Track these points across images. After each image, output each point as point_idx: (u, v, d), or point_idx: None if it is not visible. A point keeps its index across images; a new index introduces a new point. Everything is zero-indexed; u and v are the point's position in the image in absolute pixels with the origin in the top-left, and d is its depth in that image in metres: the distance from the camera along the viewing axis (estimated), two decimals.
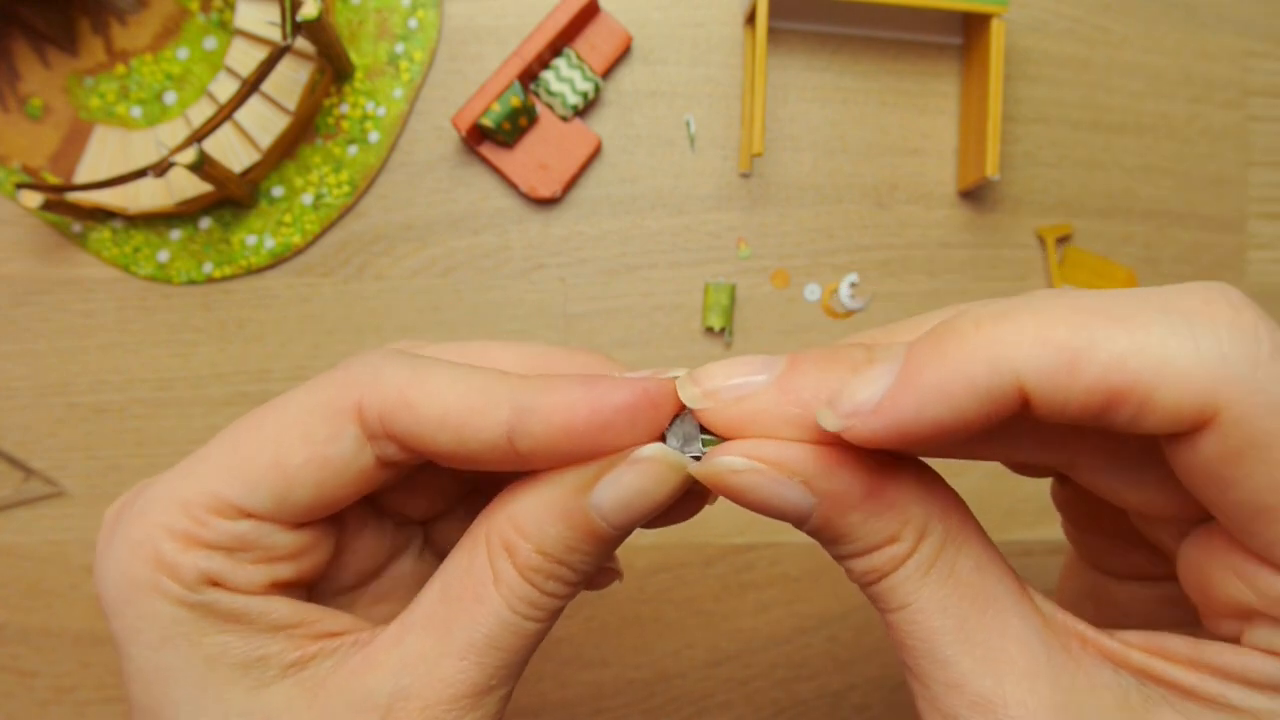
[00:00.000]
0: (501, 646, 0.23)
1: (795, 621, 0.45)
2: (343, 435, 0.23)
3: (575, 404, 0.22)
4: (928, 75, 0.47)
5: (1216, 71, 0.48)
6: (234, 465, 0.23)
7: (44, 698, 0.43)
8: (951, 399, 0.18)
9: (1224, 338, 0.17)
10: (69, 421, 0.43)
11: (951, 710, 0.21)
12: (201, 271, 0.43)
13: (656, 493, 0.22)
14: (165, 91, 0.43)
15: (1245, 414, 0.17)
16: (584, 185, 0.45)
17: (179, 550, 0.23)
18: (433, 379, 0.23)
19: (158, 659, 0.23)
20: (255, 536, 0.23)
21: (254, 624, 0.23)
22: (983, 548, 0.22)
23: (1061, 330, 0.18)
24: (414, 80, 0.44)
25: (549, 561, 0.23)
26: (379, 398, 0.23)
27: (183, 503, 0.23)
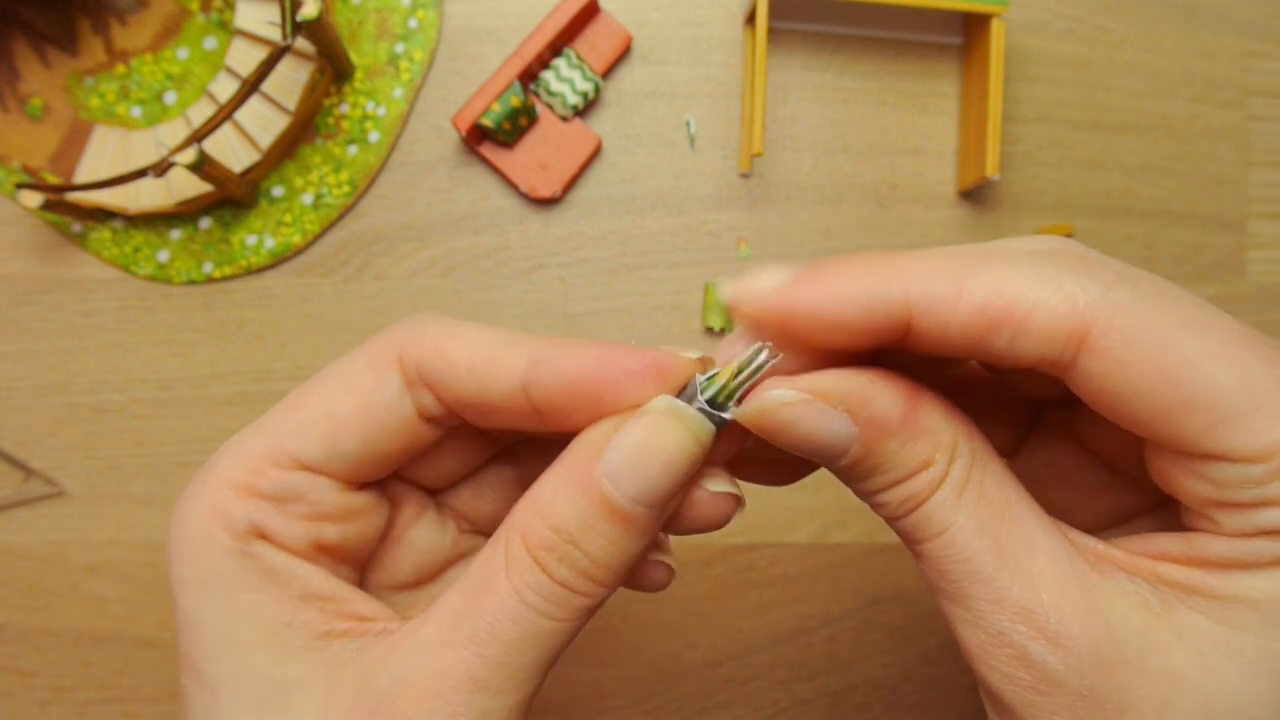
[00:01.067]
0: (505, 640, 0.22)
1: (795, 621, 0.45)
2: (386, 383, 0.24)
3: (585, 359, 0.23)
4: (928, 75, 0.47)
5: (1217, 71, 0.48)
6: (291, 418, 0.25)
7: (44, 698, 0.43)
8: (843, 302, 0.21)
9: (1078, 272, 0.21)
10: (69, 421, 0.43)
11: (996, 625, 0.22)
12: (201, 271, 0.43)
13: (667, 451, 0.22)
14: (165, 91, 0.43)
15: (1109, 328, 0.20)
16: (584, 185, 0.45)
17: (233, 500, 0.24)
18: (466, 332, 0.24)
19: (198, 609, 0.24)
20: (305, 488, 0.24)
21: (289, 587, 0.24)
22: (1000, 466, 0.23)
23: (950, 264, 0.21)
24: (414, 80, 0.44)
25: (562, 540, 0.22)
26: (418, 348, 0.24)
27: (244, 455, 0.25)
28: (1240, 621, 0.21)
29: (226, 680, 0.23)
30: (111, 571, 0.43)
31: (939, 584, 0.23)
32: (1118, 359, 0.20)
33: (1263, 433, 0.20)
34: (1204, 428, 0.20)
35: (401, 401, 0.25)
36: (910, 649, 0.46)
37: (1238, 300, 0.48)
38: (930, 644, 0.46)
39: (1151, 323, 0.20)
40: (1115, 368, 0.20)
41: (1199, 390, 0.20)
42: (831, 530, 0.45)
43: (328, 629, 0.24)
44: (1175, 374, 0.20)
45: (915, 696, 0.46)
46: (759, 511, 0.45)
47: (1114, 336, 0.20)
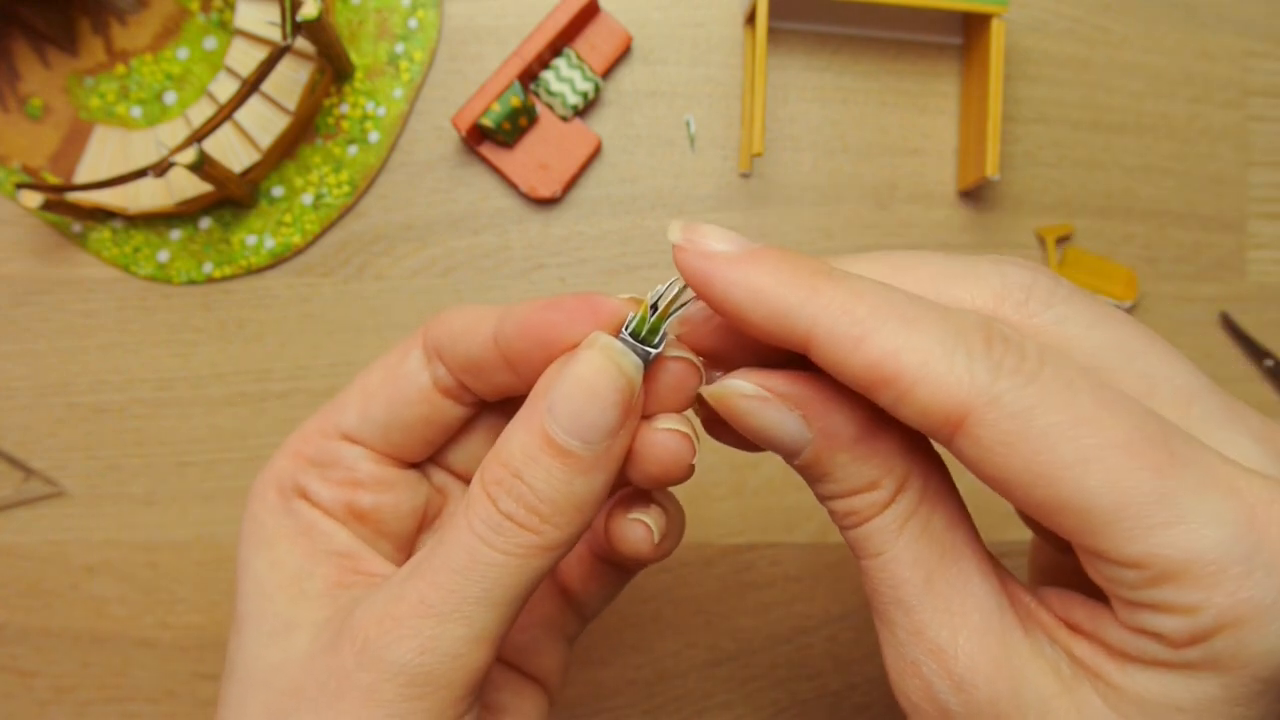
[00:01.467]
0: (454, 568, 0.23)
1: (795, 621, 0.45)
2: (409, 356, 0.28)
3: (534, 306, 0.25)
4: (928, 75, 0.47)
5: (1217, 71, 0.48)
6: (343, 397, 0.29)
7: (44, 698, 0.43)
8: (757, 303, 0.21)
9: (977, 357, 0.20)
10: (69, 421, 0.43)
11: (910, 655, 0.23)
12: (201, 271, 0.43)
13: (595, 382, 0.23)
14: (165, 91, 0.43)
15: (983, 419, 0.20)
16: (584, 185, 0.45)
17: (287, 465, 0.28)
18: (466, 307, 0.27)
19: (245, 556, 0.28)
20: (343, 455, 0.28)
21: (317, 541, 0.27)
22: (956, 509, 0.24)
23: (864, 307, 0.21)
24: (414, 80, 0.44)
25: (508, 474, 0.23)
26: (436, 325, 0.27)
27: (303, 430, 0.29)
28: (1128, 715, 0.21)
29: (250, 616, 0.27)
30: (111, 571, 0.43)
31: (871, 600, 0.24)
32: (990, 450, 0.20)
33: (1128, 543, 0.20)
34: (1075, 529, 0.20)
35: (420, 373, 0.28)
36: None
37: (1238, 300, 0.48)
38: None
39: (1031, 422, 0.20)
40: (987, 457, 0.20)
41: (1069, 495, 0.20)
42: (831, 530, 0.45)
43: (341, 580, 0.27)
44: (1047, 475, 0.20)
45: None
46: (759, 511, 0.45)
47: (988, 429, 0.20)
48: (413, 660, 0.23)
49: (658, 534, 0.27)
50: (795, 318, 0.21)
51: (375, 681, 0.24)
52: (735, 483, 0.45)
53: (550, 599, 0.31)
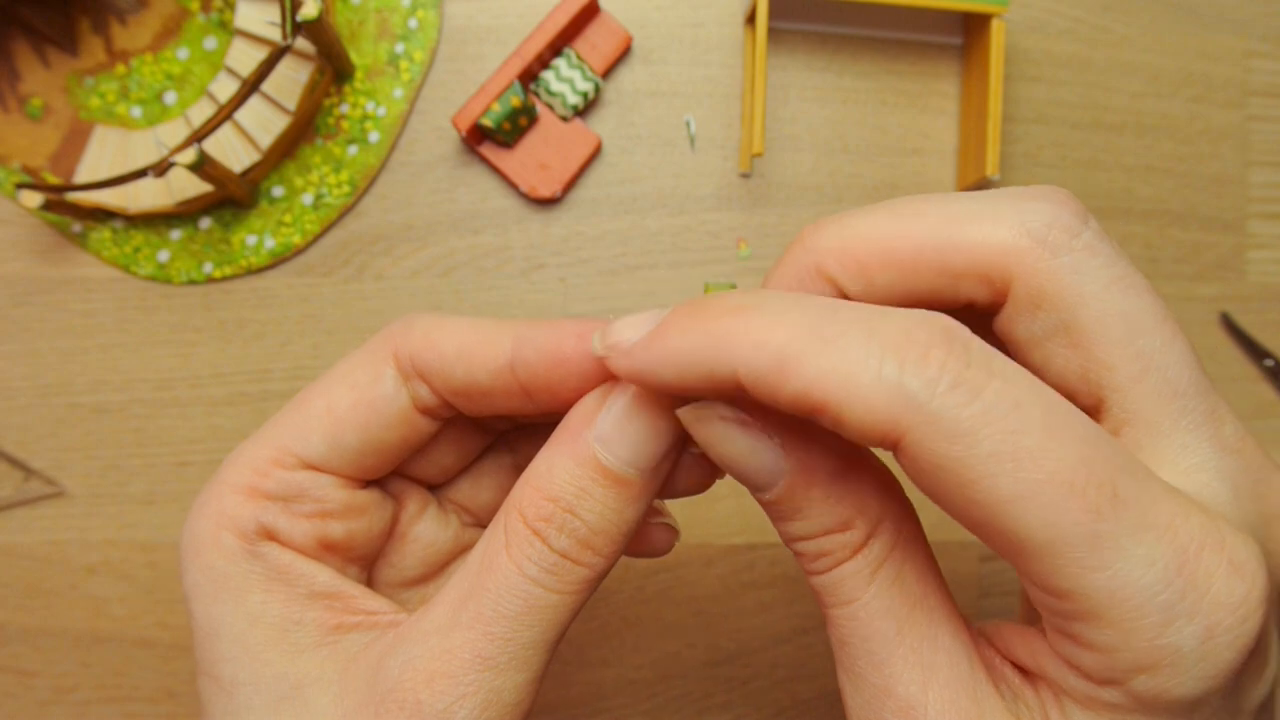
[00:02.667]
0: (509, 615, 0.22)
1: (795, 621, 0.45)
2: (382, 377, 0.25)
3: (565, 334, 0.24)
4: (928, 75, 0.47)
5: (1217, 71, 0.48)
6: (294, 420, 0.25)
7: (44, 698, 0.43)
8: (680, 369, 0.21)
9: (909, 369, 0.19)
10: (69, 421, 0.43)
11: (877, 713, 0.22)
12: (202, 271, 0.43)
13: (652, 414, 0.23)
14: (165, 91, 0.43)
15: (919, 439, 0.19)
16: (584, 185, 0.45)
17: (240, 503, 0.25)
18: (451, 323, 0.25)
19: (209, 613, 0.24)
20: (309, 486, 0.25)
21: (296, 586, 0.25)
22: (927, 559, 0.23)
23: (779, 336, 0.19)
24: (414, 80, 0.44)
25: (559, 510, 0.22)
26: (410, 341, 0.25)
27: (249, 460, 0.25)
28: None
29: (242, 681, 0.24)
30: (111, 571, 0.43)
31: (837, 652, 0.23)
32: (926, 473, 0.19)
33: (1057, 577, 0.19)
34: (1008, 554, 0.19)
35: (398, 394, 0.26)
36: None
37: (1238, 300, 0.48)
38: None
39: (970, 450, 0.18)
40: (924, 478, 0.19)
41: (1004, 526, 0.19)
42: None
43: (337, 624, 0.25)
44: (983, 504, 0.19)
45: None
46: (759, 511, 0.45)
47: (924, 450, 0.19)
48: (478, 717, 0.22)
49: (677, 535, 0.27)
50: (718, 368, 0.20)
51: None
52: (735, 483, 0.45)
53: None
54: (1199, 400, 0.22)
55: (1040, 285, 0.21)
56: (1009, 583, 0.47)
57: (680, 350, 0.21)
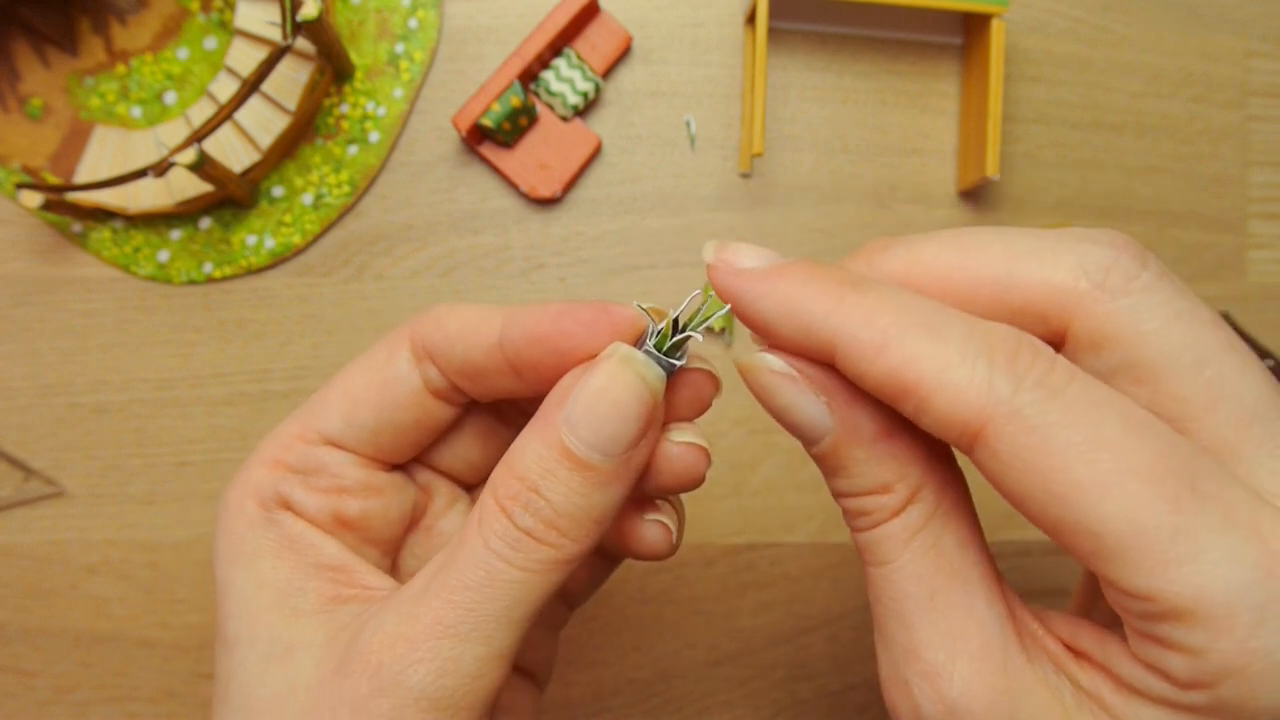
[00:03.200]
0: (470, 585, 0.23)
1: (795, 621, 0.45)
2: (397, 358, 0.27)
3: (545, 313, 0.24)
4: (928, 75, 0.47)
5: (1217, 71, 0.48)
6: (322, 400, 0.27)
7: (44, 698, 0.43)
8: (783, 313, 0.22)
9: (998, 367, 0.20)
10: (69, 421, 0.43)
11: (903, 673, 0.22)
12: (202, 271, 0.43)
13: (619, 395, 0.23)
14: (165, 91, 0.43)
15: (1002, 433, 0.20)
16: (584, 185, 0.45)
17: (264, 473, 0.27)
18: (463, 306, 0.26)
19: (225, 575, 0.26)
20: (328, 461, 0.27)
21: (304, 555, 0.26)
22: (970, 529, 0.23)
23: (887, 318, 0.21)
24: (414, 80, 0.44)
25: (525, 488, 0.23)
26: (424, 324, 0.26)
27: (279, 435, 0.27)
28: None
29: (241, 640, 0.26)
30: (111, 571, 0.43)
31: (873, 609, 0.24)
32: (1006, 464, 0.20)
33: (1139, 575, 0.19)
34: (1088, 553, 0.20)
35: (410, 375, 0.27)
36: None
37: (1238, 300, 0.48)
38: None
39: (1050, 439, 0.19)
40: (1004, 471, 0.20)
41: (1083, 518, 0.19)
42: (831, 530, 0.45)
43: (335, 595, 0.26)
44: (1063, 495, 0.19)
45: None
46: (759, 511, 0.45)
47: (1005, 442, 0.20)
48: (433, 683, 0.23)
49: (676, 534, 0.27)
50: (820, 328, 0.21)
51: (394, 707, 0.23)
52: (735, 483, 0.45)
53: None
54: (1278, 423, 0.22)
55: (1099, 327, 0.22)
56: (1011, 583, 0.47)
57: (793, 297, 0.22)
